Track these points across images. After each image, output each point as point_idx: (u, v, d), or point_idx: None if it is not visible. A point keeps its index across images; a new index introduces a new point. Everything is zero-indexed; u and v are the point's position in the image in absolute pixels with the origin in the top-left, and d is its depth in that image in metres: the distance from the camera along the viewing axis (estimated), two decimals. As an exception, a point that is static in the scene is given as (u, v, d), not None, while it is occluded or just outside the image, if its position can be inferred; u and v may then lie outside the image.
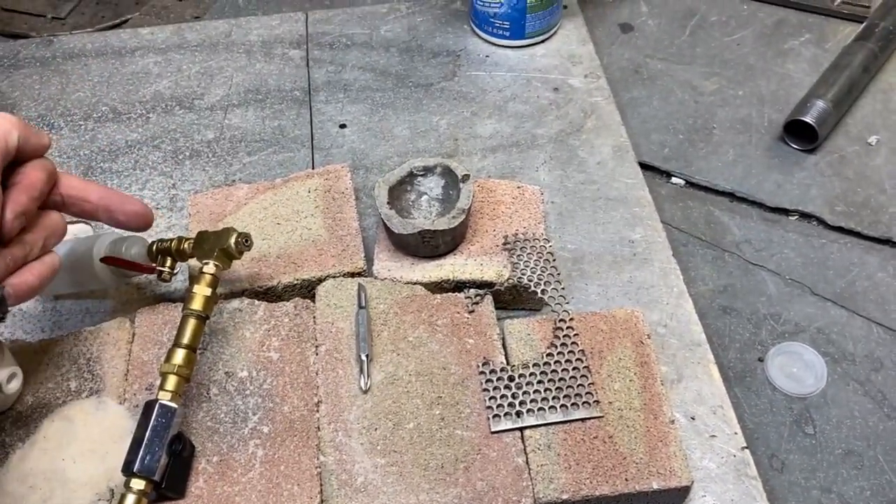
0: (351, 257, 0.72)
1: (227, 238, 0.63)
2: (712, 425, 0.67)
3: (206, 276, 0.62)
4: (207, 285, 0.62)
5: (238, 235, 0.64)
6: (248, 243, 0.65)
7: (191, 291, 0.62)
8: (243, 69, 0.95)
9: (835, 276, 0.79)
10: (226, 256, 0.64)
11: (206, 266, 0.63)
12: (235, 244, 0.63)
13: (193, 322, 0.61)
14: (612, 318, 0.69)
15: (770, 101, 0.94)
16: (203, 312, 0.61)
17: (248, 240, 0.65)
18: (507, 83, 0.93)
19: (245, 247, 0.64)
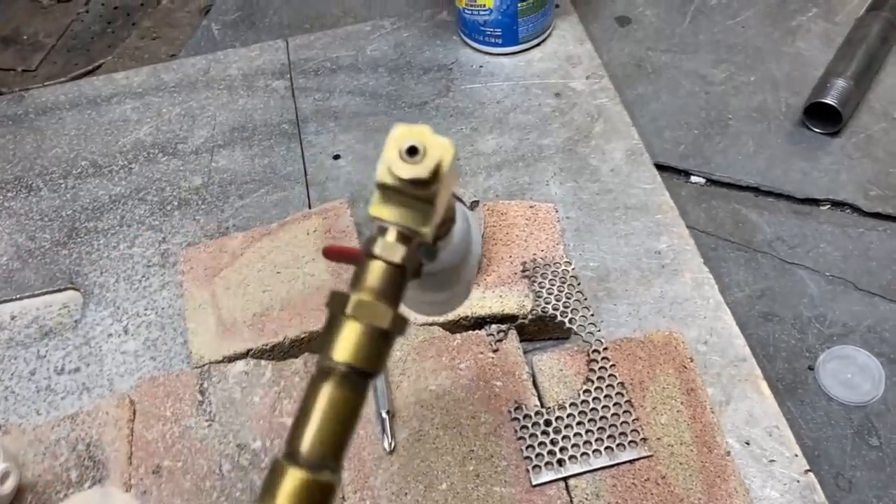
0: (360, 303, 0.67)
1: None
2: (769, 448, 0.61)
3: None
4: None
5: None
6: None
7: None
8: (226, 106, 0.90)
9: (878, 268, 0.74)
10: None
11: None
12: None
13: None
14: (649, 343, 0.63)
15: (785, 84, 0.88)
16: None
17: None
18: (506, 93, 0.88)
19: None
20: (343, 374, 0.33)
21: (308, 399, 0.33)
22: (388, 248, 0.34)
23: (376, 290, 0.34)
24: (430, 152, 0.34)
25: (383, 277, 0.34)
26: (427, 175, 0.34)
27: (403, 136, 0.34)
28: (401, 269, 0.35)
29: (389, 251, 0.34)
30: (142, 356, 0.71)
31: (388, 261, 0.34)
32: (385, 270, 0.34)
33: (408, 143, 0.34)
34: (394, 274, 0.34)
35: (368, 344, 0.33)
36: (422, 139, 0.34)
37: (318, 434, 0.32)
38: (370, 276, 0.34)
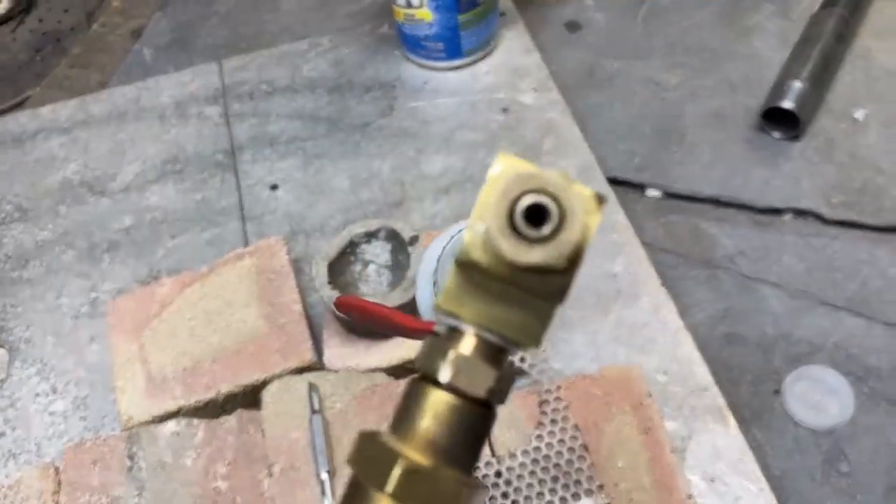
0: (297, 349, 0.63)
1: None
2: (735, 485, 0.58)
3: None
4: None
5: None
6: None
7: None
8: (157, 138, 0.85)
9: (844, 280, 0.70)
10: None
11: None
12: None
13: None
14: (604, 379, 0.60)
15: (742, 87, 0.85)
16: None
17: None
18: (452, 110, 0.83)
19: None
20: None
21: None
22: (468, 371, 0.22)
23: (442, 446, 0.22)
24: (570, 218, 0.21)
25: (456, 423, 0.22)
26: (565, 261, 0.21)
27: (517, 182, 0.21)
28: (486, 406, 0.23)
29: (471, 378, 0.22)
30: (71, 417, 0.66)
31: (468, 394, 0.22)
32: (459, 411, 0.22)
33: (529, 198, 0.21)
34: (474, 416, 0.22)
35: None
36: (554, 190, 0.21)
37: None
38: (431, 420, 0.22)
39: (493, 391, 0.23)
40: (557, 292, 0.23)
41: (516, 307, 0.23)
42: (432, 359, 0.23)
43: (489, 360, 0.23)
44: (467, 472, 0.23)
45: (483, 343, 0.23)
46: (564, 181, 0.21)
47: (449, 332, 0.24)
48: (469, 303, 0.23)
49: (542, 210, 0.21)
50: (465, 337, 0.23)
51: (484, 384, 0.23)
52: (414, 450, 0.22)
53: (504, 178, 0.21)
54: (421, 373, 0.23)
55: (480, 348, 0.23)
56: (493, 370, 0.23)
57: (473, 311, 0.23)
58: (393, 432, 0.23)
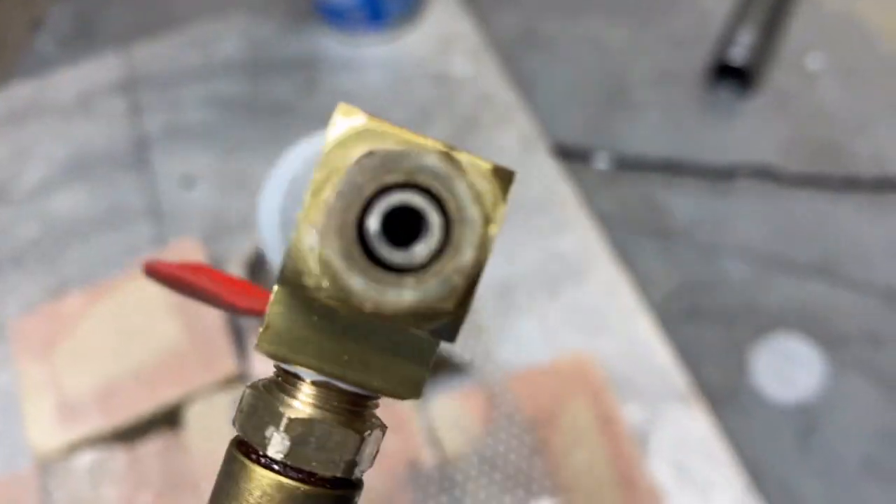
0: (219, 361, 0.57)
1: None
2: (705, 471, 0.54)
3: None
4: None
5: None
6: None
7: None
8: (61, 137, 0.78)
9: (806, 242, 0.66)
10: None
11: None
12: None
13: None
14: (556, 369, 0.55)
15: (688, 40, 0.80)
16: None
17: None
18: (380, 87, 0.77)
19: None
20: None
21: None
22: (315, 442, 0.16)
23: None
24: (461, 227, 0.14)
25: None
26: (456, 299, 0.14)
27: (372, 169, 0.14)
28: (344, 486, 0.17)
29: (320, 452, 0.16)
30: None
31: (316, 475, 0.16)
32: (302, 499, 0.16)
33: (393, 198, 0.13)
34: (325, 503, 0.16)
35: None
36: (432, 180, 0.14)
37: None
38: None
39: (352, 464, 0.16)
40: (443, 331, 0.16)
41: (381, 345, 0.16)
42: (258, 423, 0.16)
43: (345, 418, 0.16)
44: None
45: (334, 394, 0.16)
46: (447, 163, 0.14)
47: (283, 375, 0.17)
48: (308, 342, 0.16)
49: (414, 217, 0.13)
50: (304, 387, 0.16)
51: (340, 457, 0.16)
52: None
53: (347, 157, 0.14)
54: (240, 440, 0.17)
55: (329, 402, 0.16)
56: (352, 433, 0.16)
57: (315, 353, 0.16)
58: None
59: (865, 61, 0.76)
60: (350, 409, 0.17)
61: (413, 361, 0.17)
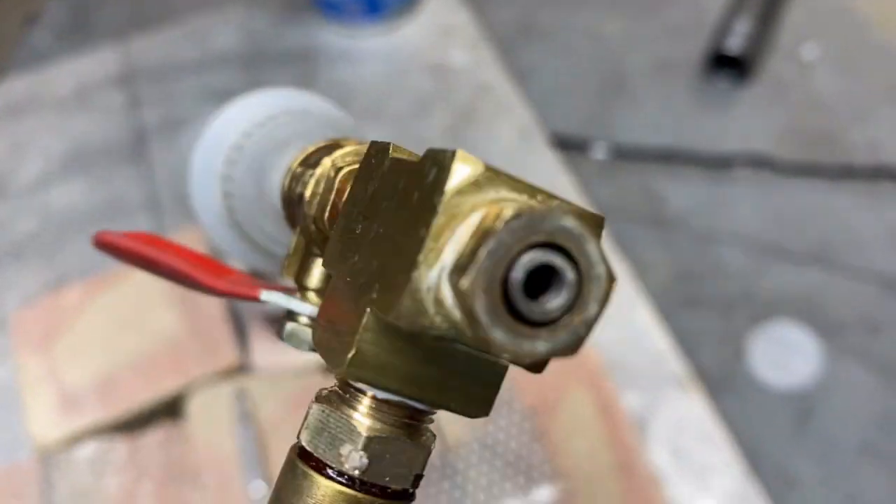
0: (220, 351, 0.57)
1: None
2: (702, 456, 0.54)
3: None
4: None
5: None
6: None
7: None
8: (59, 131, 0.78)
9: (803, 229, 0.67)
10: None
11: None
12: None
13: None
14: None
15: (685, 30, 0.80)
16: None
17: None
18: (378, 78, 0.77)
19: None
20: None
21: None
22: (389, 458, 0.16)
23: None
24: (590, 284, 0.15)
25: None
26: (578, 343, 0.15)
27: (517, 236, 0.14)
28: (405, 498, 0.18)
29: (392, 467, 0.17)
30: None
31: (388, 489, 0.17)
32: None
33: (532, 256, 0.14)
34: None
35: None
36: (567, 240, 0.14)
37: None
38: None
39: (419, 477, 0.17)
40: (534, 365, 0.16)
41: (458, 369, 0.17)
42: (331, 440, 0.16)
43: (410, 433, 0.17)
44: None
45: (397, 409, 0.17)
46: (580, 223, 0.14)
47: (345, 389, 0.17)
48: (393, 367, 0.16)
49: (547, 272, 0.14)
50: (367, 400, 0.17)
51: (410, 471, 0.17)
52: None
53: (464, 206, 0.15)
54: (306, 451, 0.17)
55: (395, 417, 0.17)
56: (419, 449, 0.17)
57: (398, 377, 0.16)
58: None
59: (860, 50, 0.76)
60: (412, 423, 0.18)
61: (486, 384, 0.17)
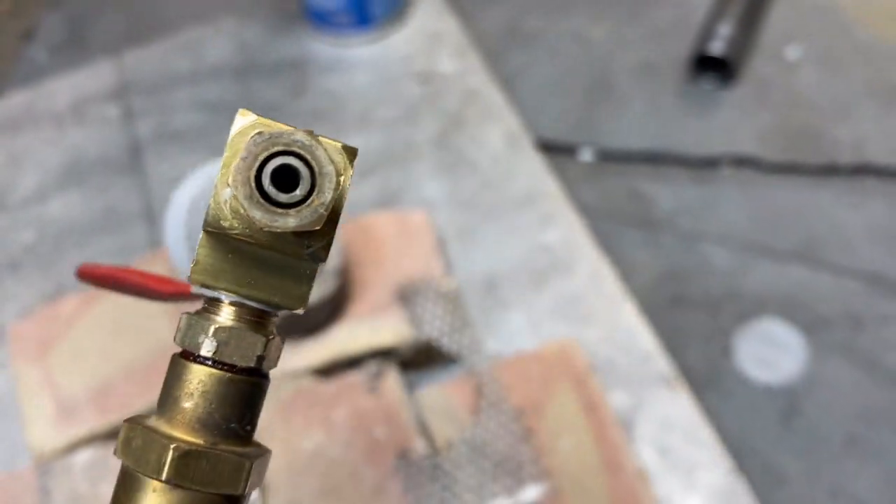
0: (215, 359, 0.58)
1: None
2: (689, 454, 0.55)
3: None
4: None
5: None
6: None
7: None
8: (55, 144, 0.79)
9: (788, 228, 0.68)
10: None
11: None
12: None
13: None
14: (542, 357, 0.56)
15: (670, 33, 0.81)
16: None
17: None
18: (367, 86, 0.79)
19: None
20: None
21: None
22: (233, 342, 0.22)
23: (216, 422, 0.21)
24: (322, 178, 0.20)
25: (226, 396, 0.21)
26: (322, 223, 0.20)
27: (260, 143, 0.20)
28: (256, 374, 0.22)
29: (237, 349, 0.22)
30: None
31: (236, 366, 0.22)
32: (228, 384, 0.21)
33: (276, 161, 0.20)
34: (245, 386, 0.22)
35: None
36: (301, 149, 0.20)
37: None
38: (199, 398, 0.21)
39: (261, 358, 0.22)
40: (318, 252, 0.22)
41: (276, 271, 0.23)
42: (193, 334, 0.22)
43: (254, 327, 0.23)
44: (246, 442, 0.22)
45: (245, 310, 0.23)
46: (310, 138, 0.20)
47: (208, 302, 0.23)
48: (225, 271, 0.22)
49: (292, 172, 0.20)
50: (225, 307, 0.23)
51: (252, 353, 0.22)
52: (185, 431, 0.21)
53: (246, 139, 0.20)
54: (182, 350, 0.23)
55: (242, 316, 0.23)
56: (260, 337, 0.22)
57: (231, 279, 0.22)
58: (161, 416, 0.22)
59: (843, 50, 0.77)
60: (257, 321, 0.23)
61: (299, 281, 0.23)
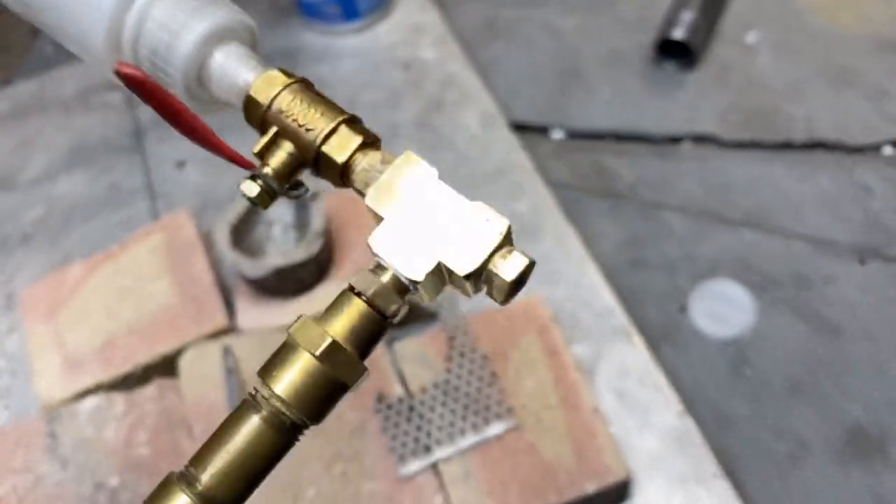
0: (209, 316, 0.64)
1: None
2: (644, 398, 0.60)
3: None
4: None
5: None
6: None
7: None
8: (62, 129, 0.85)
9: (741, 197, 0.73)
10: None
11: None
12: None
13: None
14: (508, 310, 0.61)
15: (636, 23, 0.87)
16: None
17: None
18: (354, 72, 0.84)
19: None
20: (277, 412, 0.27)
21: (231, 424, 0.27)
22: (384, 295, 0.28)
23: (356, 339, 0.28)
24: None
25: (366, 327, 0.28)
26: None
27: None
28: (385, 320, 0.28)
29: (385, 301, 0.28)
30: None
31: (381, 310, 0.28)
32: (371, 319, 0.28)
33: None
34: (378, 324, 0.28)
35: (321, 395, 0.27)
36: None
37: (226, 469, 0.26)
38: (353, 320, 0.28)
39: (395, 313, 0.28)
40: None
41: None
42: (365, 280, 0.28)
43: (399, 292, 0.28)
44: (363, 359, 0.28)
45: (397, 280, 0.28)
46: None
47: (376, 266, 0.29)
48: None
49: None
50: (387, 272, 0.28)
51: (391, 306, 0.28)
52: (339, 336, 0.27)
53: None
54: (355, 288, 0.28)
55: (396, 283, 0.28)
56: (400, 300, 0.28)
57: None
58: (324, 322, 0.28)
59: (798, 35, 0.83)
60: (401, 290, 0.29)
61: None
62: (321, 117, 0.30)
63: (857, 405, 0.60)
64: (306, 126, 0.30)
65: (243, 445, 0.26)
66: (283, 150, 0.31)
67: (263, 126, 0.31)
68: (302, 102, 0.31)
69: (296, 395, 0.27)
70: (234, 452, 0.26)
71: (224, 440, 0.26)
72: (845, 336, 0.63)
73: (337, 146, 0.30)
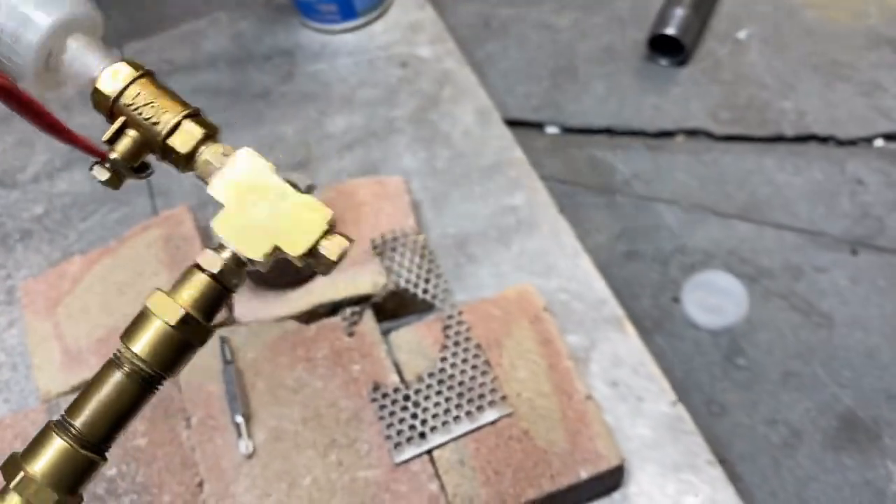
0: (208, 308, 0.64)
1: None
2: (637, 386, 0.61)
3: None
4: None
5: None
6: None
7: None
8: (63, 127, 0.85)
9: (734, 190, 0.74)
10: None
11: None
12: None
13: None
14: (503, 299, 0.62)
15: (630, 21, 0.88)
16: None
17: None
18: (351, 70, 0.85)
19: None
20: (136, 369, 0.31)
21: (99, 379, 0.31)
22: (225, 268, 0.32)
23: (200, 307, 0.32)
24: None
25: (209, 297, 0.32)
26: None
27: None
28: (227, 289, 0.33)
29: (226, 272, 0.32)
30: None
31: (221, 281, 0.32)
32: (213, 289, 0.32)
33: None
34: (219, 294, 0.32)
35: (174, 355, 0.31)
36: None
37: (95, 416, 0.31)
38: (196, 291, 0.32)
39: (236, 285, 0.33)
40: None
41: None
42: (210, 259, 0.32)
43: (239, 266, 0.33)
44: (209, 322, 0.32)
45: (237, 258, 0.33)
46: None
47: (219, 245, 0.33)
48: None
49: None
50: (227, 251, 0.32)
51: (233, 280, 0.33)
52: (189, 307, 0.32)
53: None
54: (201, 266, 0.32)
55: (236, 260, 0.33)
56: (240, 274, 0.33)
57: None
58: (176, 294, 0.32)
59: (789, 30, 0.84)
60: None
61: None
62: (165, 112, 0.34)
63: (849, 393, 0.61)
64: (152, 120, 0.34)
65: (109, 396, 0.31)
66: (130, 137, 0.35)
67: (111, 116, 0.35)
68: (147, 96, 0.34)
69: (154, 355, 0.31)
70: (102, 402, 0.31)
71: (94, 393, 0.31)
72: (837, 325, 0.64)
73: (180, 139, 0.34)
